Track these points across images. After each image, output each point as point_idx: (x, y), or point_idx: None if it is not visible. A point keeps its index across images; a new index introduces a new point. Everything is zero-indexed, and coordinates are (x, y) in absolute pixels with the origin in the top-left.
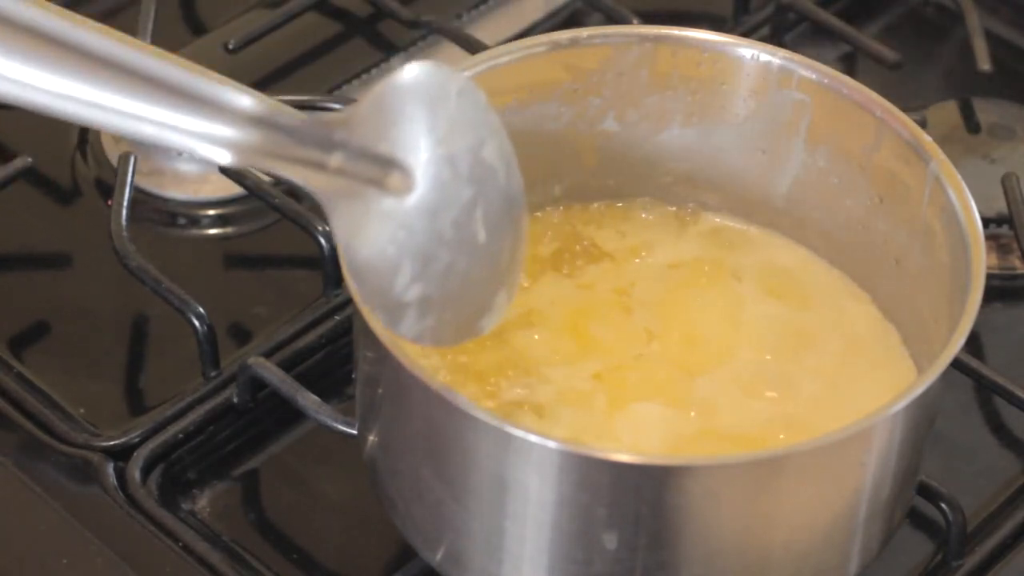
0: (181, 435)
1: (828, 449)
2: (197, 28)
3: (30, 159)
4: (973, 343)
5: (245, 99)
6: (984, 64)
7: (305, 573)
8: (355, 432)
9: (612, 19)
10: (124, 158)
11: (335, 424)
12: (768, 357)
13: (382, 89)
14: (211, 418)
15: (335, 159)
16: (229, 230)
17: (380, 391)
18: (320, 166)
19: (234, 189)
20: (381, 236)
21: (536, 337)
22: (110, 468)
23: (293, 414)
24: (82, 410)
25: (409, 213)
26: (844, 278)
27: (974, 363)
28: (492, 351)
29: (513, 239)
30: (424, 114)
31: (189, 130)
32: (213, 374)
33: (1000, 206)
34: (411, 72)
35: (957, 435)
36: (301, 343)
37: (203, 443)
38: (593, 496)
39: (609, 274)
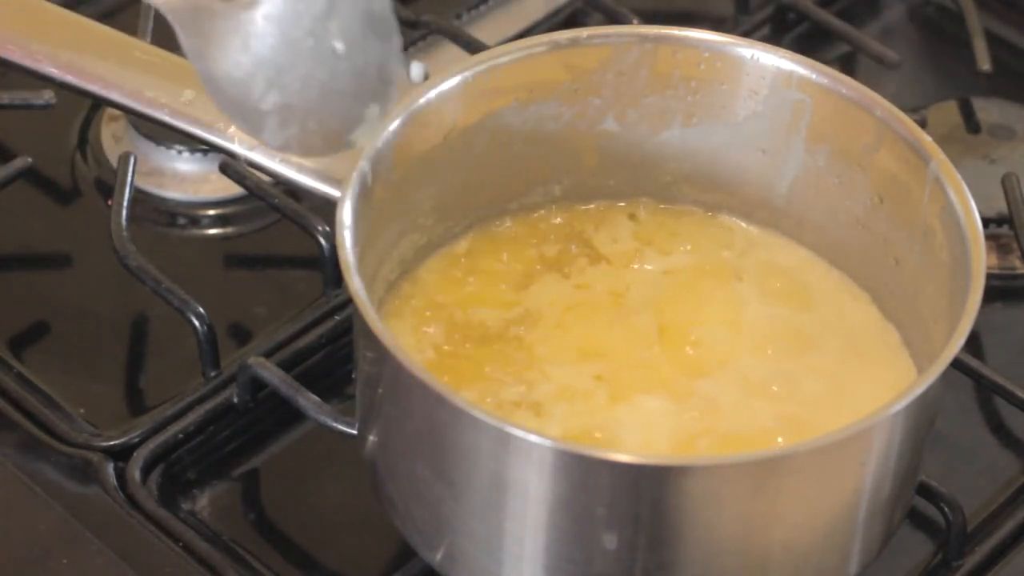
0: (181, 435)
1: (828, 449)
2: None
3: (30, 159)
4: (973, 343)
5: None
6: (984, 64)
7: (305, 573)
8: (355, 432)
9: (612, 19)
10: (124, 158)
11: (335, 424)
12: (768, 357)
13: None
14: (211, 418)
15: None
16: (229, 230)
17: (380, 391)
18: None
19: (234, 189)
20: (232, 47)
21: (536, 337)
22: (110, 468)
23: (293, 414)
24: (82, 410)
25: (256, 22)
26: (844, 278)
27: (974, 363)
28: (492, 351)
29: (382, 55)
30: None
31: None
32: (213, 374)
33: (1000, 206)
34: None
35: (957, 435)
36: (301, 343)
37: (203, 443)
38: (593, 496)
39: (609, 274)
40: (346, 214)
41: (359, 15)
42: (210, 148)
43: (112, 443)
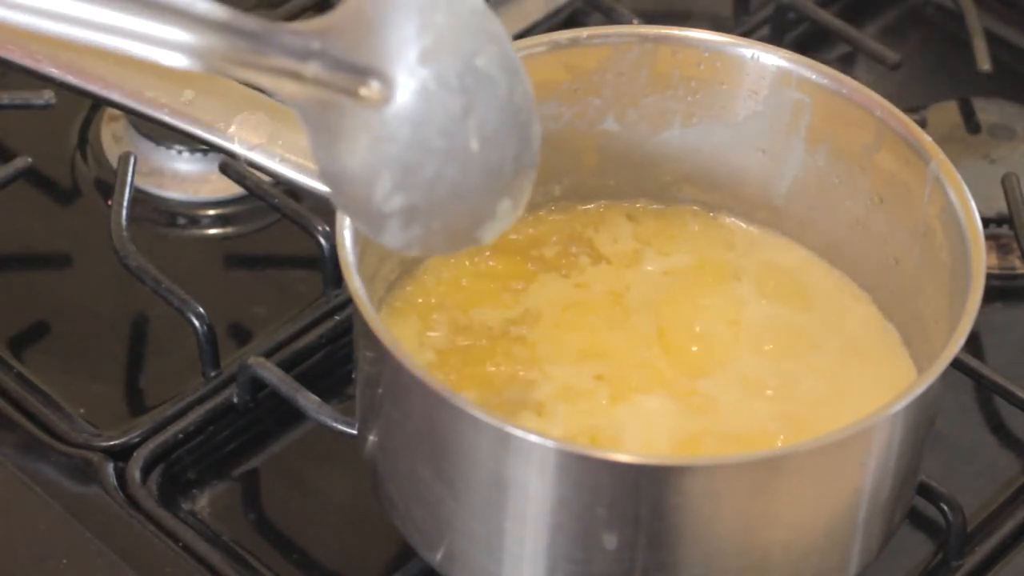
0: (181, 435)
1: (828, 449)
2: None
3: (30, 159)
4: (973, 343)
5: (204, 5)
6: (984, 64)
7: (305, 573)
8: (355, 432)
9: (612, 19)
10: (124, 158)
11: (335, 424)
12: (768, 357)
13: None
14: (211, 418)
15: (310, 68)
16: (229, 230)
17: (380, 391)
18: (294, 75)
19: (234, 189)
20: (358, 146)
21: (536, 337)
22: (110, 468)
23: (293, 414)
24: (82, 410)
25: (388, 123)
26: (844, 278)
27: (974, 363)
28: (492, 351)
29: (518, 148)
30: (408, 21)
31: (147, 35)
32: (213, 374)
33: (1000, 206)
34: None
35: (957, 435)
36: (301, 343)
37: (203, 443)
38: (593, 496)
39: (609, 275)
40: None
41: (498, 110)
42: (210, 148)
43: (112, 443)
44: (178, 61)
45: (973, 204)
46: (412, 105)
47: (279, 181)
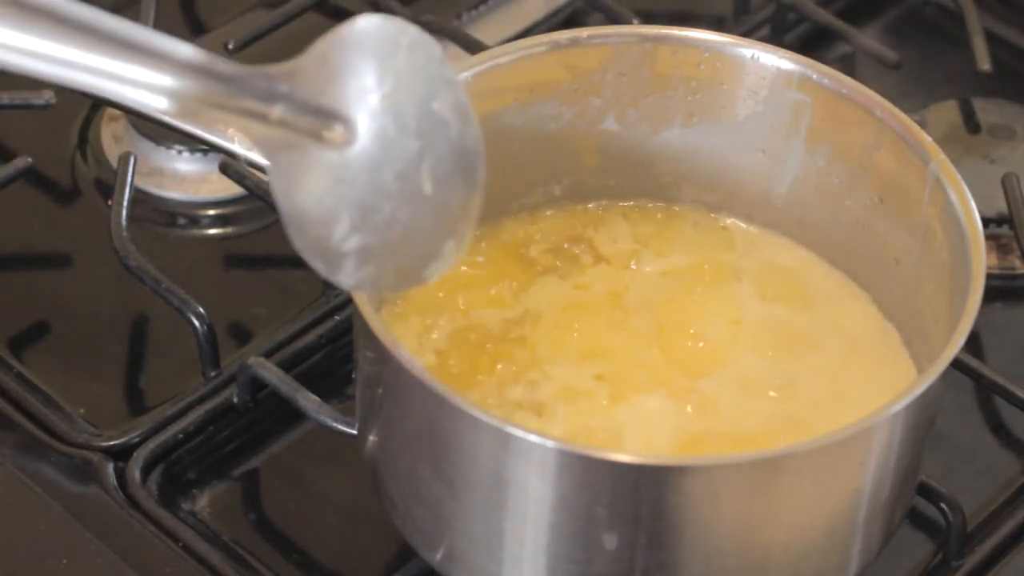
0: (181, 435)
1: (828, 449)
2: (197, 28)
3: (30, 159)
4: (973, 343)
5: (184, 48)
6: (984, 64)
7: (305, 573)
8: (355, 432)
9: (612, 19)
10: (124, 158)
11: (335, 424)
12: (768, 357)
13: (328, 41)
14: (211, 418)
15: (276, 111)
16: (229, 230)
17: (380, 391)
18: (261, 117)
19: (234, 189)
20: (319, 187)
21: (537, 337)
22: (110, 468)
23: (293, 414)
24: (82, 410)
25: (349, 166)
26: (844, 278)
27: (974, 363)
28: (492, 351)
29: (465, 191)
30: (370, 67)
31: (125, 77)
32: (213, 374)
33: (1000, 206)
34: (359, 24)
35: (957, 435)
36: (301, 343)
37: (203, 443)
38: (593, 496)
39: (609, 275)
40: None
41: (450, 153)
42: (210, 148)
43: (112, 443)
44: (157, 103)
45: (973, 204)
46: (372, 148)
47: None
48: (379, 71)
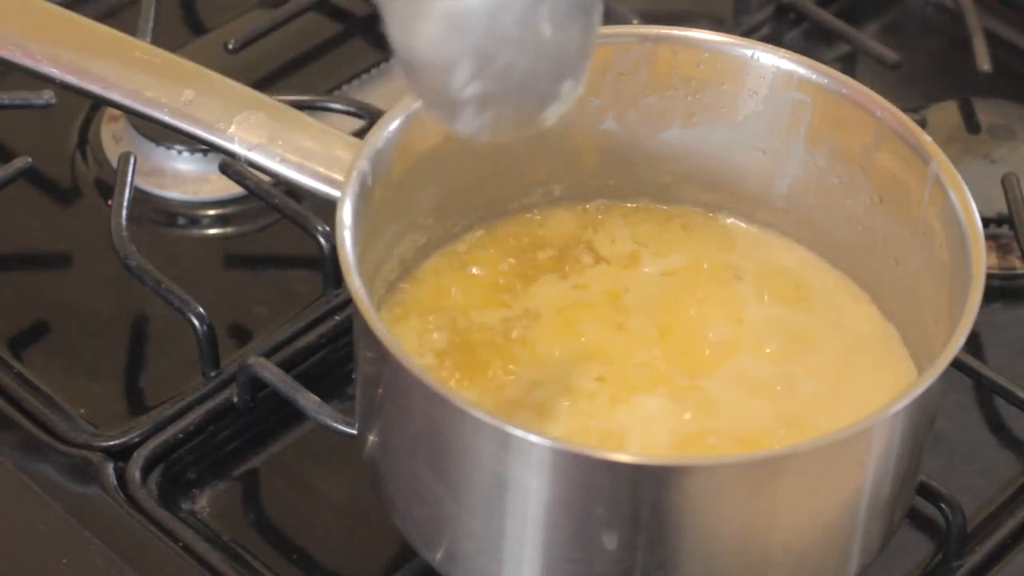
0: (181, 435)
1: (828, 449)
2: (197, 28)
3: (30, 159)
4: (973, 343)
5: None
6: (984, 64)
7: (305, 573)
8: (355, 432)
9: (612, 19)
10: (124, 158)
11: (335, 424)
12: (768, 357)
13: None
14: (211, 418)
15: None
16: (229, 230)
17: (380, 391)
18: None
19: (234, 189)
20: (437, 35)
21: (536, 337)
22: (110, 468)
23: (293, 414)
24: (82, 410)
25: (468, 12)
26: (844, 278)
27: (974, 363)
28: (492, 351)
29: (583, 30)
30: None
31: None
32: (213, 374)
33: (1000, 206)
34: None
35: (957, 435)
36: (301, 343)
37: (203, 443)
38: (592, 496)
39: (609, 275)
40: (346, 214)
41: None
42: (210, 148)
43: (112, 443)
44: None
45: (973, 204)
46: None
47: (279, 181)
48: None
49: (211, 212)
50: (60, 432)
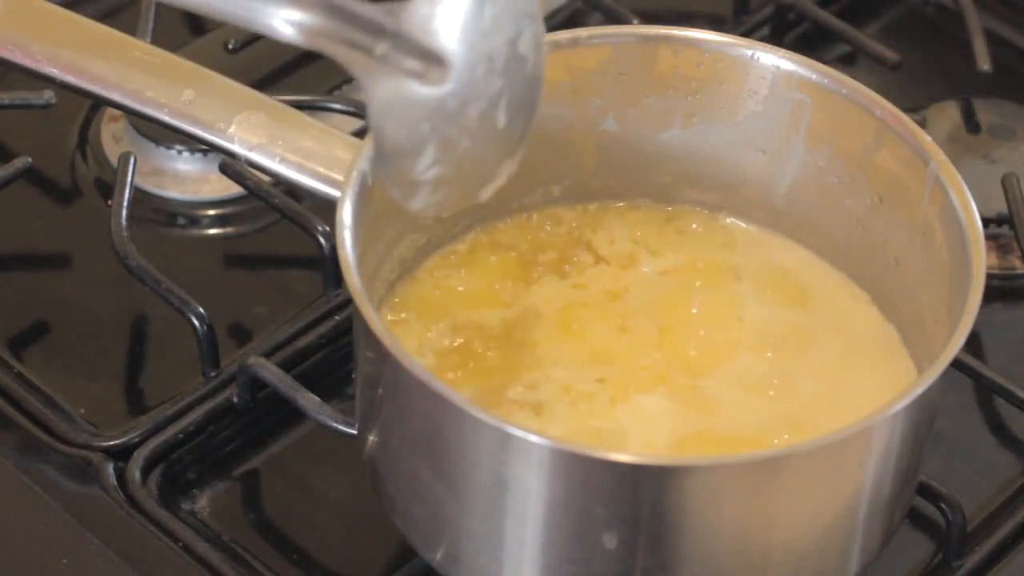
0: (181, 435)
1: (828, 449)
2: (197, 28)
3: (30, 159)
4: (973, 343)
5: None
6: (984, 64)
7: (305, 573)
8: (355, 432)
9: (612, 19)
10: (124, 158)
11: (335, 424)
12: (768, 357)
13: None
14: (211, 418)
15: (381, 47)
16: (229, 230)
17: (380, 391)
18: (367, 51)
19: (234, 189)
20: (410, 122)
21: (536, 337)
22: (110, 468)
23: (293, 414)
24: (82, 410)
25: (441, 104)
26: (844, 278)
27: (974, 363)
28: (492, 351)
29: (527, 117)
30: (472, 8)
31: (262, 10)
32: (213, 374)
33: (1000, 206)
34: None
35: (957, 435)
36: (301, 343)
37: (203, 443)
38: (592, 496)
39: (609, 275)
40: (346, 214)
41: (524, 87)
42: (210, 148)
43: (112, 443)
44: (284, 31)
45: (973, 204)
46: (464, 88)
47: (279, 181)
48: (479, 11)
49: (211, 212)
50: (60, 432)
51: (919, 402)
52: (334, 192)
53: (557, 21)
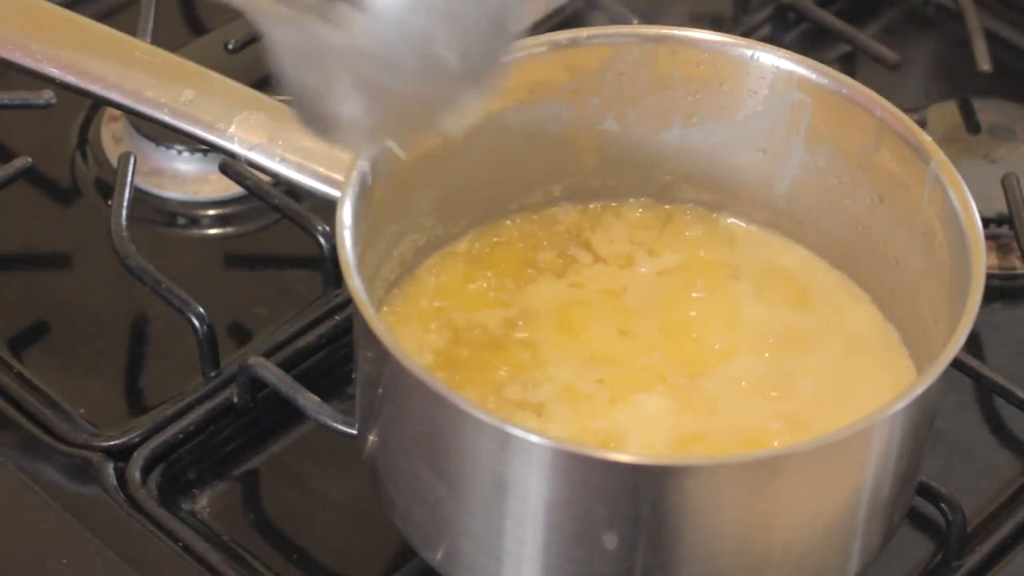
0: (181, 435)
1: (828, 449)
2: (197, 28)
3: (30, 159)
4: (973, 343)
5: None
6: (984, 64)
7: (305, 573)
8: (355, 432)
9: (612, 19)
10: (124, 158)
11: (335, 424)
12: (768, 357)
13: None
14: (211, 418)
15: None
16: (229, 230)
17: (380, 391)
18: None
19: (234, 189)
20: (322, 67)
21: (536, 337)
22: (110, 468)
23: (293, 414)
24: (82, 410)
25: (354, 47)
26: (844, 278)
27: (974, 363)
28: (492, 351)
29: (498, 48)
30: None
31: None
32: (213, 374)
33: (1000, 206)
34: None
35: (957, 435)
36: (301, 343)
37: (203, 443)
38: (593, 496)
39: (609, 275)
40: (346, 214)
41: (475, 21)
42: (210, 148)
43: (112, 443)
44: None
45: (973, 204)
46: (381, 26)
47: (279, 181)
48: None
49: (211, 212)
50: (60, 432)
51: (919, 402)
52: (334, 192)
53: (557, 21)
